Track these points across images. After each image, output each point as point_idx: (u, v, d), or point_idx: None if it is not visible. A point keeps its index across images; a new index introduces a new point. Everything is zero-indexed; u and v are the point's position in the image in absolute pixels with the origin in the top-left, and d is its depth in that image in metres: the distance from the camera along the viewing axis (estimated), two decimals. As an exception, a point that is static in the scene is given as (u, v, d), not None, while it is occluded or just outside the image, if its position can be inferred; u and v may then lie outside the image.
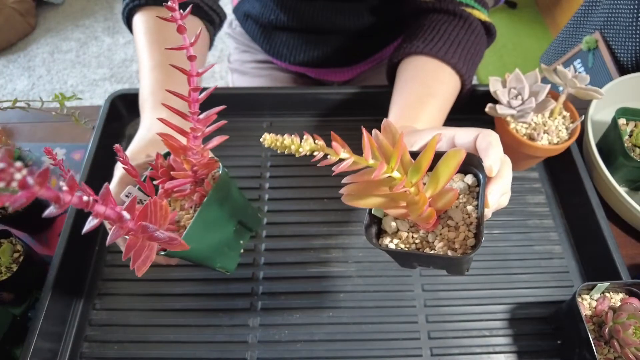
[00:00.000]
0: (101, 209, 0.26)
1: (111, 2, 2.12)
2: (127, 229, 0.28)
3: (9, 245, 0.50)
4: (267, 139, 0.26)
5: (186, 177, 0.36)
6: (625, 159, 0.56)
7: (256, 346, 0.49)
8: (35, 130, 0.67)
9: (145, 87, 0.50)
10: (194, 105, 0.34)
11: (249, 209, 0.44)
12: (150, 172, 0.38)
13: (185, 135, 0.35)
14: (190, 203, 0.38)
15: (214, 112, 0.35)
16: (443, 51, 0.53)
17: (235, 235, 0.44)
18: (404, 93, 0.52)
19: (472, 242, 0.33)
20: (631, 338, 0.42)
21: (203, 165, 0.36)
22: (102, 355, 0.49)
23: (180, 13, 0.30)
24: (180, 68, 0.33)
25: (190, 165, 0.36)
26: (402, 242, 0.35)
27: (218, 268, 0.43)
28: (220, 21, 0.62)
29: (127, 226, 0.28)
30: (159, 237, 0.30)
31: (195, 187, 0.38)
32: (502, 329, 0.50)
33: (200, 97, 0.34)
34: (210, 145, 0.36)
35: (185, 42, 0.31)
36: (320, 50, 0.75)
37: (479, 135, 0.35)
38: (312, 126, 0.66)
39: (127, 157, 0.36)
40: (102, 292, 0.53)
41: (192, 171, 0.36)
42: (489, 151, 0.33)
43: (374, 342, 0.49)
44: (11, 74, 1.85)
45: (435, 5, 0.57)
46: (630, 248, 0.56)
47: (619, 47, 0.92)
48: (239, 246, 0.47)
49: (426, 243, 0.35)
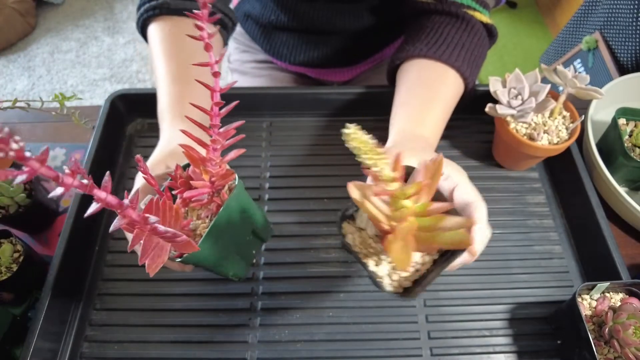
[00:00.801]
0: (102, 194, 0.27)
1: (111, 2, 2.12)
2: (130, 219, 0.29)
3: (9, 245, 0.50)
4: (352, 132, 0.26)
5: (205, 187, 0.37)
6: (625, 159, 0.56)
7: (256, 346, 0.49)
8: (35, 130, 0.68)
9: (164, 99, 0.51)
10: (216, 118, 0.35)
11: (262, 219, 0.45)
12: (170, 183, 0.39)
13: (205, 147, 0.36)
14: (207, 212, 0.39)
15: (234, 126, 0.36)
16: (447, 54, 0.53)
17: (248, 245, 0.45)
18: (410, 96, 0.52)
19: (408, 284, 0.36)
20: (631, 338, 0.42)
21: (221, 176, 0.37)
22: (102, 355, 0.49)
23: (208, 33, 0.31)
24: (204, 84, 0.34)
25: (209, 176, 0.37)
26: (361, 241, 0.37)
27: (231, 276, 0.44)
28: (232, 24, 0.63)
29: (129, 214, 0.29)
30: (161, 230, 0.30)
31: (212, 197, 0.39)
32: (502, 329, 0.50)
33: (222, 112, 0.35)
34: (229, 157, 0.38)
35: (211, 60, 0.33)
36: (320, 51, 0.75)
37: (474, 204, 0.37)
38: (312, 126, 0.66)
39: (147, 167, 0.37)
40: (102, 292, 0.53)
41: (210, 182, 0.37)
42: (476, 232, 0.36)
43: (374, 342, 0.49)
44: (11, 74, 1.85)
45: (437, 7, 0.57)
46: (630, 248, 0.56)
47: (619, 47, 0.92)
48: (252, 256, 0.48)
49: (376, 255, 0.36)
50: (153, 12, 0.55)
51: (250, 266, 0.54)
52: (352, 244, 0.37)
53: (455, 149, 0.64)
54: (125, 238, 0.56)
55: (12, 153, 0.20)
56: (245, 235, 0.43)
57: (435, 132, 0.50)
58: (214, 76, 0.33)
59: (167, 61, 0.53)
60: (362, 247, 0.37)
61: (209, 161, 0.36)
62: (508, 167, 0.62)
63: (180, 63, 0.52)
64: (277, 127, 0.66)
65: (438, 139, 0.51)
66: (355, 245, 0.37)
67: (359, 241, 0.37)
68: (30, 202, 0.54)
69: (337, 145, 0.63)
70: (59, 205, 0.60)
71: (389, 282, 0.36)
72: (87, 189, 0.25)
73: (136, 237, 0.30)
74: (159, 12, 0.55)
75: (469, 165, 0.62)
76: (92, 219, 0.57)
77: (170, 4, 0.55)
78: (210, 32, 0.32)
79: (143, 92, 0.64)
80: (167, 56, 0.53)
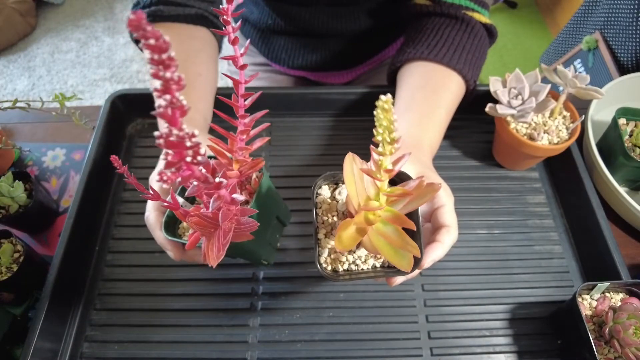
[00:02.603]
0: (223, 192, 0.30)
1: (111, 3, 2.12)
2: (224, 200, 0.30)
3: (9, 246, 0.50)
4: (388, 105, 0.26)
5: (236, 177, 0.38)
6: (626, 159, 0.56)
7: (256, 346, 0.49)
8: (36, 130, 0.68)
9: None
10: (241, 109, 0.37)
11: (282, 203, 0.47)
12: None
13: (232, 137, 0.38)
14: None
15: (259, 115, 0.38)
16: (448, 57, 0.53)
17: (274, 230, 0.46)
18: (414, 102, 0.52)
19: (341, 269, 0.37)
20: (631, 338, 0.42)
21: (250, 165, 0.38)
22: (103, 355, 0.49)
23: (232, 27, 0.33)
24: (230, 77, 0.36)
25: (239, 165, 0.38)
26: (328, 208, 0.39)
27: (263, 260, 0.46)
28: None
29: (223, 194, 0.30)
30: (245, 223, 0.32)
31: (242, 187, 0.40)
32: (502, 329, 0.50)
33: (247, 103, 0.37)
34: (255, 146, 0.39)
35: (237, 53, 0.34)
36: (318, 54, 0.74)
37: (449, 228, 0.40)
38: (313, 126, 0.66)
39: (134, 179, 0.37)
40: (102, 292, 0.53)
41: (239, 171, 0.38)
42: (434, 250, 0.38)
43: (374, 342, 0.49)
44: (11, 74, 1.85)
45: (435, 9, 0.57)
46: (630, 248, 0.56)
47: (619, 47, 0.92)
48: (276, 240, 0.50)
49: (331, 228, 0.38)
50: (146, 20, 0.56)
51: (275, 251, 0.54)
52: (320, 204, 0.39)
53: (455, 149, 0.64)
54: (126, 238, 0.56)
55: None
56: (272, 220, 0.44)
57: (438, 138, 0.51)
58: (240, 69, 0.34)
59: None
60: (325, 213, 0.39)
61: (239, 151, 0.37)
62: (508, 167, 0.62)
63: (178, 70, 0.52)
64: (277, 127, 0.66)
65: (439, 143, 0.52)
66: (321, 207, 0.39)
67: (326, 207, 0.39)
68: (30, 202, 0.54)
69: (337, 145, 0.63)
70: (59, 205, 0.60)
71: (325, 256, 0.37)
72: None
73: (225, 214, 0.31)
74: (152, 19, 0.56)
75: (469, 165, 0.62)
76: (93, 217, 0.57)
77: (163, 11, 0.55)
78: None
79: (143, 92, 0.64)
80: None
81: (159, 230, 0.40)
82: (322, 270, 0.36)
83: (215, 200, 0.30)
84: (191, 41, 0.57)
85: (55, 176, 0.63)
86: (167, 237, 0.39)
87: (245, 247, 0.39)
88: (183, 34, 0.57)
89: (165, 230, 0.39)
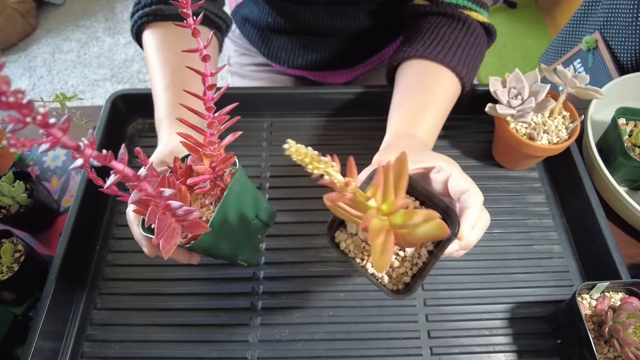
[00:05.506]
0: (119, 166, 0.27)
1: (112, 3, 2.13)
2: (146, 192, 0.29)
3: (10, 245, 0.50)
4: (291, 147, 0.26)
5: (206, 171, 0.38)
6: (625, 159, 0.56)
7: (257, 345, 0.49)
8: (36, 130, 0.68)
9: (161, 107, 0.51)
10: (209, 102, 0.36)
11: (264, 203, 0.46)
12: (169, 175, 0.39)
13: (203, 132, 0.37)
14: (211, 199, 0.40)
15: (227, 110, 0.37)
16: (442, 54, 0.53)
17: (253, 229, 0.46)
18: (405, 97, 0.52)
19: (408, 280, 0.36)
20: (631, 337, 0.42)
21: (221, 160, 0.38)
22: (103, 355, 0.49)
23: (194, 19, 0.32)
24: (193, 69, 0.35)
25: (209, 161, 0.37)
26: (354, 246, 0.38)
27: (240, 261, 0.45)
28: (227, 26, 0.64)
29: (145, 187, 0.29)
30: (175, 206, 0.31)
31: (214, 184, 0.39)
32: (502, 328, 0.50)
33: (214, 96, 0.36)
34: (227, 141, 0.38)
35: (200, 45, 0.33)
36: (318, 54, 0.75)
37: (468, 191, 0.37)
38: (312, 126, 0.66)
39: (147, 159, 0.37)
40: (103, 291, 0.53)
41: (211, 167, 0.38)
42: (466, 217, 0.36)
43: (374, 341, 0.50)
44: (12, 74, 1.85)
45: (432, 8, 0.57)
46: (630, 248, 0.56)
47: (618, 47, 0.92)
48: (258, 240, 0.49)
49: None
50: (147, 19, 0.56)
51: (258, 252, 0.54)
52: (346, 250, 0.38)
53: (455, 149, 0.64)
54: (126, 238, 0.56)
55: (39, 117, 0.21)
56: (251, 219, 0.44)
57: (431, 133, 0.50)
58: (204, 60, 0.34)
59: (162, 69, 0.53)
60: (357, 252, 0.37)
61: (208, 145, 0.37)
62: (508, 166, 0.62)
63: (175, 70, 0.53)
64: (277, 127, 0.66)
65: (434, 139, 0.51)
66: (349, 251, 0.38)
67: (352, 247, 0.38)
68: (31, 202, 0.54)
69: (337, 145, 0.63)
70: (59, 205, 0.60)
71: (388, 280, 0.36)
72: (105, 159, 0.25)
73: (152, 213, 0.31)
74: (153, 18, 0.56)
75: (469, 165, 0.62)
76: (95, 212, 0.57)
77: (164, 10, 0.56)
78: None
79: (144, 92, 0.64)
80: (161, 64, 0.54)
81: (136, 225, 0.40)
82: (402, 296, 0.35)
83: (137, 192, 0.29)
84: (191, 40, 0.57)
85: (56, 176, 0.63)
86: (142, 233, 0.39)
87: (211, 247, 0.39)
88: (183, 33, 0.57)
89: (142, 226, 0.39)
